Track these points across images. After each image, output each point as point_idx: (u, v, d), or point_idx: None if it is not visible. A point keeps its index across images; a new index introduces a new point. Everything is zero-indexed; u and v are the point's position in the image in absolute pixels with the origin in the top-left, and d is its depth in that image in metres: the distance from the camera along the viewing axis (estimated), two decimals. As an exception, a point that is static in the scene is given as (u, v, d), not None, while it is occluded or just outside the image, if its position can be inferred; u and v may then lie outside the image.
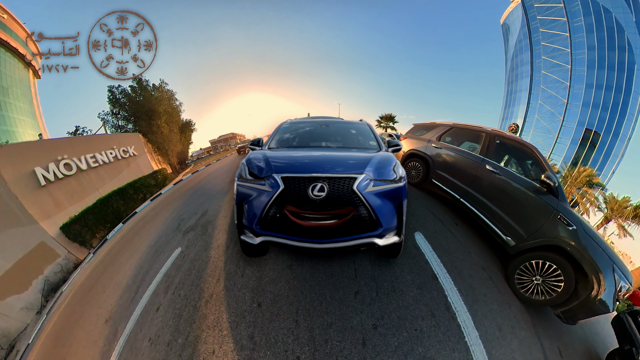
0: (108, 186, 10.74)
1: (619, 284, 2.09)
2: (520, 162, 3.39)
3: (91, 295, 4.44)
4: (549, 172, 2.59)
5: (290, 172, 1.92)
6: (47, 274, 7.68)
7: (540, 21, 41.72)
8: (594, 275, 2.13)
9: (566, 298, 2.28)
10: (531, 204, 2.64)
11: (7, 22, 25.94)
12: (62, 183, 9.09)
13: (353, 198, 1.82)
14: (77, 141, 10.62)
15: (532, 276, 2.50)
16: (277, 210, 1.87)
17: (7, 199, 7.54)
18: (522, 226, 2.66)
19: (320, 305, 2.22)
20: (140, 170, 13.13)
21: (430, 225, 3.45)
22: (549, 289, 2.37)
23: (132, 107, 14.70)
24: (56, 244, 8.27)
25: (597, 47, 36.29)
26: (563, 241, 2.31)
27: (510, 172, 3.02)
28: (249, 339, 2.05)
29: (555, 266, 2.33)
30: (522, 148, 3.03)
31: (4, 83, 26.73)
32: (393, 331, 2.00)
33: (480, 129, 3.56)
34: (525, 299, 2.56)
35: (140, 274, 3.79)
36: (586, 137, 35.68)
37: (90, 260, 7.11)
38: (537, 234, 2.51)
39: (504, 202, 2.92)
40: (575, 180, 20.69)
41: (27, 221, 7.79)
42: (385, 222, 1.86)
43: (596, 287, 2.12)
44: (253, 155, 2.36)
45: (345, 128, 3.46)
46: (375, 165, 2.02)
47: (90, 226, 9.02)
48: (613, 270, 2.12)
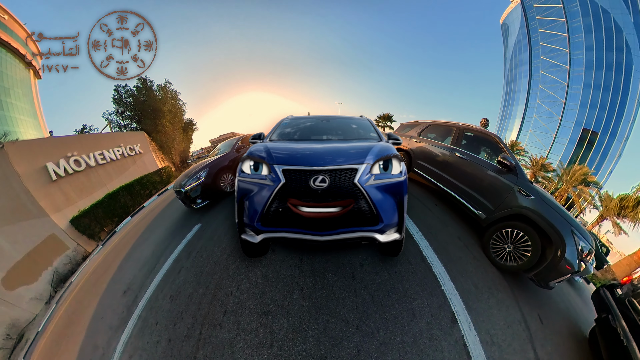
0: (115, 182, 11.09)
1: (579, 244, 2.42)
2: (486, 149, 3.82)
3: (107, 275, 4.69)
4: (505, 154, 3.06)
5: (291, 164, 1.92)
6: (56, 266, 7.96)
7: (540, 21, 41.97)
8: (555, 238, 2.45)
9: (535, 262, 2.59)
10: (495, 181, 3.10)
11: (8, 23, 26.28)
12: (71, 178, 9.43)
13: (354, 191, 1.83)
14: (86, 139, 10.98)
15: (504, 244, 2.88)
16: (279, 205, 1.88)
17: (20, 193, 7.86)
18: (489, 201, 3.11)
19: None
20: (145, 167, 13.48)
21: (411, 204, 3.80)
22: (520, 254, 2.72)
23: (137, 106, 15.05)
24: (66, 236, 8.58)
25: (595, 48, 36.57)
26: (524, 209, 2.70)
27: (476, 157, 3.50)
28: (263, 277, 2.49)
29: (523, 233, 2.70)
30: (487, 137, 3.50)
31: (6, 83, 27.11)
32: (376, 270, 2.45)
33: (452, 124, 4.11)
34: (500, 266, 2.88)
35: (160, 249, 4.09)
36: (584, 137, 36.00)
37: (100, 251, 7.40)
38: (502, 206, 2.94)
39: (473, 182, 3.39)
40: (570, 179, 21.00)
41: (39, 214, 8.10)
42: (386, 218, 1.87)
43: (559, 249, 2.43)
44: (254, 147, 2.38)
45: (346, 123, 3.52)
46: (375, 154, 2.02)
47: (99, 219, 9.36)
48: (572, 232, 2.44)
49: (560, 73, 38.86)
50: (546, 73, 40.46)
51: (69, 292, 5.64)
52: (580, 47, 37.48)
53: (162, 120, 15.62)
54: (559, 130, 37.64)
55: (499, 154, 3.14)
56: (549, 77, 40.20)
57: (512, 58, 47.74)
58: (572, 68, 37.82)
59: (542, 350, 2.22)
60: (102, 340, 2.84)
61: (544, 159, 23.64)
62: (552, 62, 40.09)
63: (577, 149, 35.95)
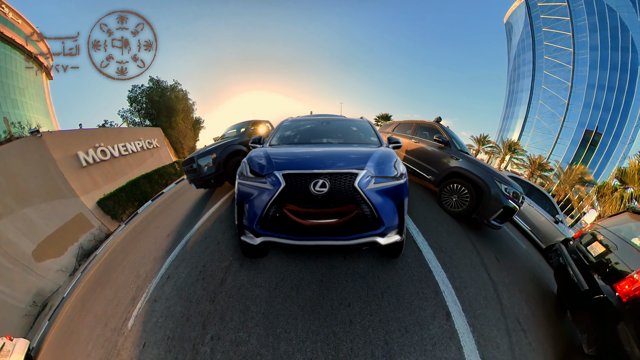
0: (135, 172, 12.28)
1: (502, 187, 3.40)
2: (433, 134, 4.91)
3: (146, 233, 5.06)
4: (441, 134, 4.34)
5: (292, 169, 1.90)
6: (82, 242, 8.89)
7: (544, 20, 41.73)
8: (482, 184, 3.48)
9: (474, 204, 3.56)
10: (437, 154, 4.32)
11: (21, 26, 27.63)
12: (98, 166, 10.61)
13: (354, 195, 1.80)
14: (111, 132, 12.19)
15: (451, 196, 3.91)
16: (278, 209, 1.85)
17: (56, 176, 9.00)
18: (435, 168, 4.28)
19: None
20: (161, 160, 14.70)
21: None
22: (463, 202, 3.71)
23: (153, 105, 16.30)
24: (92, 216, 9.65)
25: (600, 47, 36.15)
26: (456, 168, 3.84)
27: (424, 140, 4.79)
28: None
29: (461, 185, 3.74)
30: (433, 127, 4.83)
31: (21, 84, 28.63)
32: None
33: (412, 121, 5.57)
34: (452, 212, 3.84)
35: (199, 209, 4.56)
36: (586, 138, 35.66)
37: (123, 228, 8.18)
38: (443, 170, 4.08)
39: (424, 157, 4.62)
40: (568, 178, 21.34)
41: (70, 194, 9.19)
42: (387, 220, 1.85)
43: (485, 190, 3.43)
44: (254, 152, 2.34)
45: (346, 125, 3.54)
46: (376, 160, 2.03)
47: (122, 203, 10.50)
48: (493, 179, 3.46)
49: (563, 73, 38.66)
50: (549, 73, 40.27)
51: (94, 263, 5.82)
52: (585, 47, 37.19)
53: (176, 118, 16.85)
54: (562, 131, 37.44)
55: (439, 135, 4.33)
56: (552, 77, 40.00)
57: (515, 57, 47.55)
58: (576, 68, 37.57)
59: (496, 276, 2.81)
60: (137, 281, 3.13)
61: (542, 159, 23.97)
62: (555, 61, 39.88)
63: (580, 150, 35.64)
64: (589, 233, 2.95)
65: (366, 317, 2.02)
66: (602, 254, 2.49)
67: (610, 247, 2.45)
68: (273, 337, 1.90)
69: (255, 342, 1.88)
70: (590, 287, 2.26)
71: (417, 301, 2.19)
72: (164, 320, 2.26)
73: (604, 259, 2.41)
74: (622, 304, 1.89)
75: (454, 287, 2.41)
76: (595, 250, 2.61)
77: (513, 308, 2.58)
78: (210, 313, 2.15)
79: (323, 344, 1.84)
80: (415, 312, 2.09)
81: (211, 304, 2.24)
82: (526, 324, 2.45)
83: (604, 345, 1.92)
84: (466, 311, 2.20)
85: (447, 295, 2.30)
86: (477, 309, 2.29)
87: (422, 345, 1.85)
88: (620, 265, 2.18)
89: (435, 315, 2.09)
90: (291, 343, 1.86)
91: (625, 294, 1.90)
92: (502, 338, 2.15)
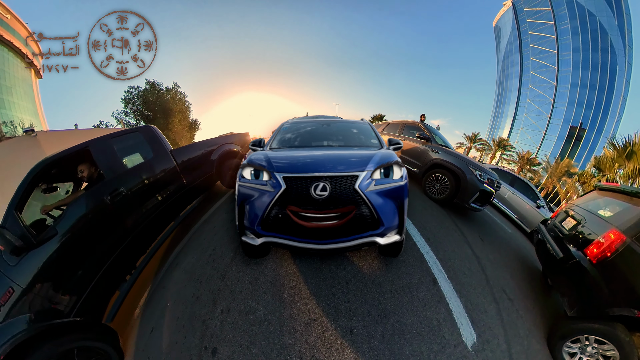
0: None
1: (476, 173, 3.72)
2: (416, 132, 5.32)
3: None
4: (423, 132, 4.79)
5: (292, 172, 1.91)
6: None
7: (530, 24, 43.58)
8: (458, 171, 3.81)
9: (454, 191, 3.87)
10: (420, 149, 4.72)
11: (10, 22, 26.37)
12: (93, 167, 10.53)
13: (355, 197, 1.82)
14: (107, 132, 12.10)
15: (434, 185, 4.22)
16: (279, 211, 1.86)
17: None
18: (418, 160, 4.65)
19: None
20: (156, 160, 14.64)
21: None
22: (444, 189, 4.04)
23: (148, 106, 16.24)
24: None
25: (582, 49, 38.07)
26: (436, 160, 4.22)
27: (409, 137, 5.16)
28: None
29: (441, 174, 4.07)
30: (416, 125, 5.30)
31: (8, 82, 27.21)
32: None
33: (399, 121, 6.01)
34: (436, 199, 4.15)
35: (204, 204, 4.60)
36: (571, 134, 37.31)
37: None
38: (425, 162, 4.47)
39: (410, 153, 4.96)
40: (555, 171, 22.23)
41: (66, 197, 9.18)
42: (387, 221, 1.86)
43: (462, 177, 3.75)
44: (255, 155, 2.33)
45: (347, 127, 3.51)
46: (377, 162, 2.03)
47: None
48: (468, 166, 3.79)
49: (549, 73, 40.34)
50: (536, 73, 41.94)
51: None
52: (568, 49, 39.02)
53: (173, 119, 16.82)
54: (548, 127, 39.01)
55: (421, 132, 4.78)
56: (539, 77, 41.67)
57: (504, 59, 49.29)
58: (560, 68, 39.31)
59: (480, 252, 3.05)
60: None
61: (530, 154, 24.87)
62: (541, 62, 41.58)
63: (566, 145, 37.24)
64: (563, 211, 3.27)
65: (360, 279, 2.23)
66: (574, 226, 2.78)
67: (580, 220, 2.75)
68: (279, 302, 2.08)
69: (263, 308, 2.04)
70: (565, 254, 2.53)
71: (405, 268, 2.40)
72: (172, 304, 2.35)
73: (576, 230, 2.70)
74: (592, 265, 2.15)
75: (438, 259, 2.62)
76: (568, 224, 2.91)
77: (498, 280, 2.80)
78: (221, 289, 2.25)
79: (324, 304, 2.03)
80: (403, 277, 2.30)
81: (222, 280, 2.34)
82: (512, 294, 2.67)
83: (582, 305, 2.16)
84: (452, 279, 2.41)
85: (432, 264, 2.52)
86: (462, 278, 2.51)
87: (412, 305, 2.05)
88: (589, 234, 2.45)
89: (422, 281, 2.30)
90: (295, 305, 2.04)
91: (594, 256, 2.17)
92: (490, 304, 2.35)
